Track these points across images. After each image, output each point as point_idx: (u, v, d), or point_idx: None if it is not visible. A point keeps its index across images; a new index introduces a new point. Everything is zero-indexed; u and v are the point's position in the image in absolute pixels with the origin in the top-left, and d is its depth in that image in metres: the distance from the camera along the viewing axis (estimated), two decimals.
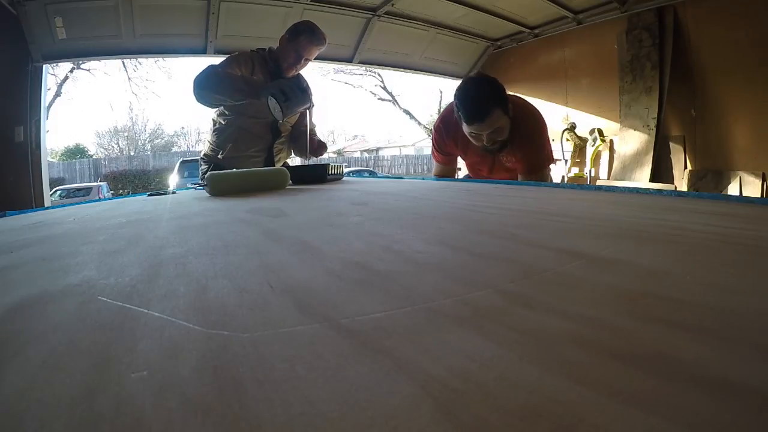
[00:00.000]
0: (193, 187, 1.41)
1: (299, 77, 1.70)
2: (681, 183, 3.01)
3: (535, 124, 1.42)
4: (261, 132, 1.71)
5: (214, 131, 1.73)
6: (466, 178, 1.68)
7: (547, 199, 0.75)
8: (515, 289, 0.27)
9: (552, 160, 1.48)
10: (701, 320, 0.21)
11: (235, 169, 1.18)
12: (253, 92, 1.39)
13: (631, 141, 3.17)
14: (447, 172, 1.65)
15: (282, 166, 1.83)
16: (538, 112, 1.47)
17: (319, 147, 1.70)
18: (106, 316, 0.26)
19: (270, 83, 1.40)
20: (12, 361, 0.20)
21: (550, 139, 1.50)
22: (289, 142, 1.84)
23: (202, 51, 3.26)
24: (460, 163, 1.74)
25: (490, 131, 1.29)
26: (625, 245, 0.38)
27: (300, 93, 1.32)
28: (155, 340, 0.22)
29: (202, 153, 1.82)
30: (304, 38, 1.59)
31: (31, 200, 2.77)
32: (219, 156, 1.70)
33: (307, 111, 1.78)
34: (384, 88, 15.11)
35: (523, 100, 1.46)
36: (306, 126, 1.79)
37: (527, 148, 1.40)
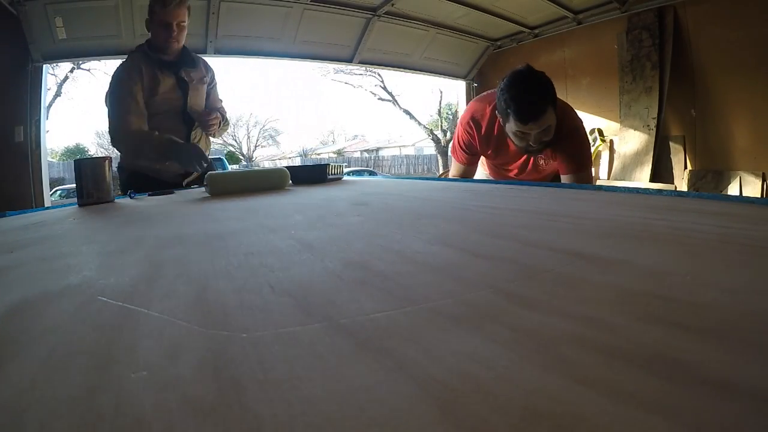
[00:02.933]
0: (194, 186, 1.41)
1: (189, 55, 1.60)
2: (681, 183, 3.00)
3: (575, 122, 1.35)
4: (173, 125, 1.58)
5: None
6: (465, 179, 1.64)
7: (547, 199, 0.75)
8: (515, 289, 0.27)
9: (592, 160, 1.39)
10: (701, 320, 0.21)
11: (234, 169, 1.18)
12: (167, 157, 1.45)
13: (631, 141, 3.17)
14: (467, 173, 1.52)
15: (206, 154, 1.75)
16: (572, 108, 1.40)
17: (211, 118, 1.63)
18: (106, 316, 0.26)
19: (183, 156, 1.45)
20: (12, 361, 0.20)
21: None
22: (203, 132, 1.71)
23: (202, 51, 3.25)
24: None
25: (539, 131, 1.21)
26: (626, 245, 0.38)
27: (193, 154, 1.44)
28: (155, 340, 0.22)
29: (117, 164, 1.66)
30: (158, 7, 1.47)
31: (31, 200, 2.77)
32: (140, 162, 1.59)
33: (213, 86, 1.68)
34: (384, 88, 15.10)
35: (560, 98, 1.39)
36: (213, 102, 1.70)
37: (571, 147, 1.31)
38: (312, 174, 1.34)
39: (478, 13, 3.53)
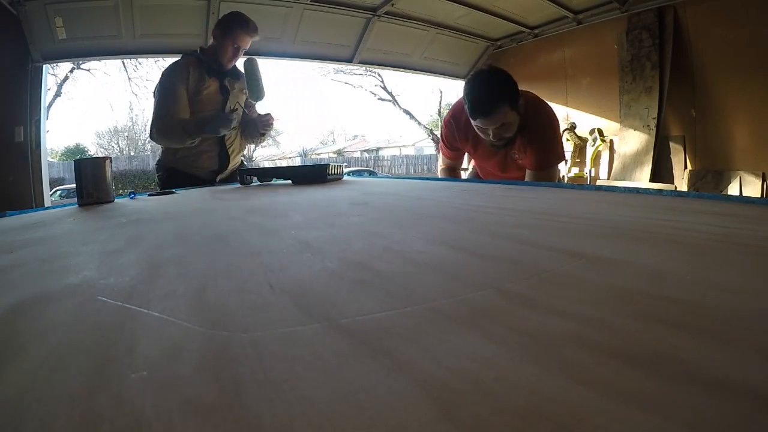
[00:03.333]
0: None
1: (235, 67, 1.75)
2: (681, 183, 3.00)
3: (546, 120, 1.40)
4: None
5: None
6: (466, 179, 1.67)
7: (547, 199, 0.75)
8: (515, 289, 0.27)
9: (562, 159, 1.46)
10: (701, 320, 0.21)
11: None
12: (206, 129, 1.60)
13: (631, 141, 3.17)
14: (453, 167, 1.64)
15: (240, 160, 1.88)
16: (551, 109, 1.45)
17: (265, 122, 1.78)
18: (106, 316, 0.26)
19: (210, 121, 1.60)
20: (12, 361, 0.20)
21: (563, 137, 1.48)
22: (240, 133, 1.84)
23: None
24: (465, 165, 1.72)
25: (495, 127, 1.27)
26: (625, 245, 0.38)
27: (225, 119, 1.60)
28: (155, 340, 0.22)
29: (156, 161, 1.84)
30: (239, 30, 1.63)
31: (31, 200, 2.77)
32: (176, 156, 1.71)
33: (245, 99, 1.82)
34: (384, 88, 15.10)
35: (537, 96, 1.44)
36: (251, 112, 1.83)
37: (537, 145, 1.37)
38: (312, 174, 1.34)
39: (478, 13, 3.53)
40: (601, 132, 3.44)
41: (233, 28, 1.62)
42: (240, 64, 1.73)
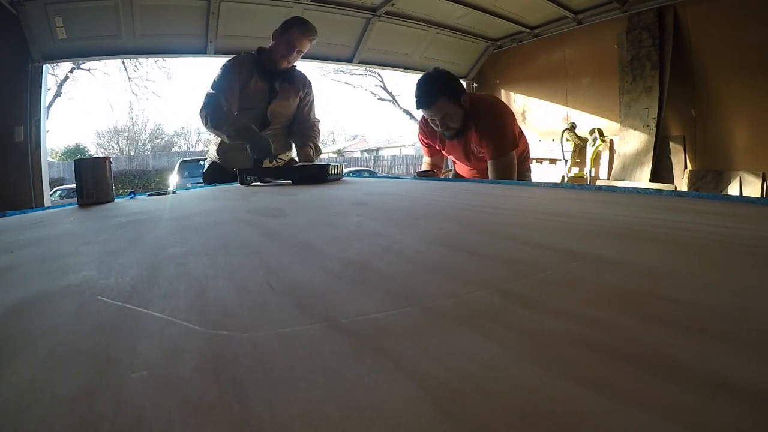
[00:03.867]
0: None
1: (292, 72, 1.82)
2: (681, 183, 3.00)
3: (494, 112, 1.57)
4: (251, 123, 1.78)
5: None
6: (466, 179, 1.71)
7: (547, 199, 0.75)
8: (515, 289, 0.27)
9: (515, 146, 1.58)
10: (701, 320, 0.21)
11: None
12: (245, 143, 1.63)
13: (631, 141, 3.17)
14: (432, 162, 1.86)
15: (285, 158, 1.90)
16: (501, 103, 1.64)
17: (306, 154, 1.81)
18: (106, 316, 0.26)
19: (254, 143, 1.60)
20: (12, 361, 0.20)
21: (515, 129, 1.60)
22: (287, 136, 1.90)
23: (202, 51, 3.25)
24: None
25: (440, 117, 1.52)
26: (625, 245, 0.38)
27: (263, 147, 1.58)
28: (155, 340, 0.22)
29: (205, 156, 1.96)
30: (296, 30, 1.71)
31: (31, 200, 2.77)
32: (217, 151, 1.80)
33: (307, 102, 1.88)
34: (384, 88, 15.12)
35: (491, 96, 1.63)
36: (309, 120, 1.88)
37: (489, 135, 1.55)
38: (312, 174, 1.34)
39: (478, 13, 3.53)
40: (601, 132, 3.44)
41: (290, 27, 1.71)
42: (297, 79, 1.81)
